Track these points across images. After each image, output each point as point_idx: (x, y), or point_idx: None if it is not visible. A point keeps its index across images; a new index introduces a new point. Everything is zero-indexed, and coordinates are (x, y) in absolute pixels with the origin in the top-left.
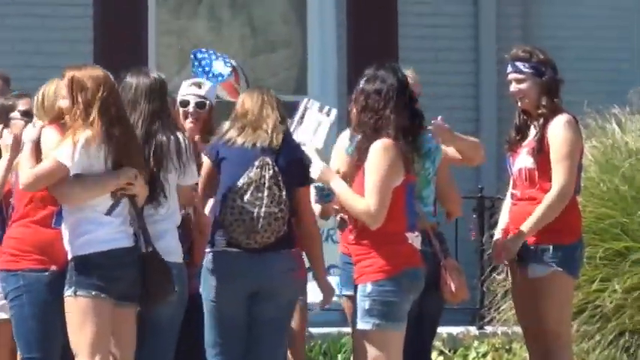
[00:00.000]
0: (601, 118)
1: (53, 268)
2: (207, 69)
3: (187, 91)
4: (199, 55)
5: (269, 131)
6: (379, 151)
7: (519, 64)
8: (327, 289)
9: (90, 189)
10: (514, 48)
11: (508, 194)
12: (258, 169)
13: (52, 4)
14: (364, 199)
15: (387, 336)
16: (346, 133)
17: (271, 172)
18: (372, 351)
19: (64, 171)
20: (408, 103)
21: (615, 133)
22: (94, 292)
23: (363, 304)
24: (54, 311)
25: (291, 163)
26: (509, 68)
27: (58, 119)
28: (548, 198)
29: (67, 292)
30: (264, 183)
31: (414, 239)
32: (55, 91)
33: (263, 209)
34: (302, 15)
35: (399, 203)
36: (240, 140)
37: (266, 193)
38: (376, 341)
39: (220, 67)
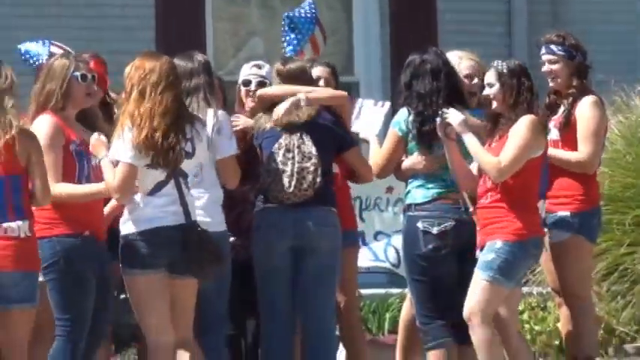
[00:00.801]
0: (626, 96)
1: (87, 233)
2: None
3: (249, 72)
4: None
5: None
6: (530, 124)
7: (553, 47)
8: None
9: (75, 198)
10: (548, 33)
11: None
12: (287, 135)
13: None
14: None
15: (499, 290)
16: (403, 112)
17: (298, 135)
18: (480, 298)
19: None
20: None
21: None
22: (141, 270)
23: (488, 256)
24: (87, 275)
25: (324, 132)
26: (543, 50)
27: None
28: (573, 155)
29: (122, 272)
30: (294, 144)
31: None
32: None
33: (296, 165)
34: (347, 3)
35: (536, 174)
36: (269, 125)
37: (296, 152)
38: (487, 291)
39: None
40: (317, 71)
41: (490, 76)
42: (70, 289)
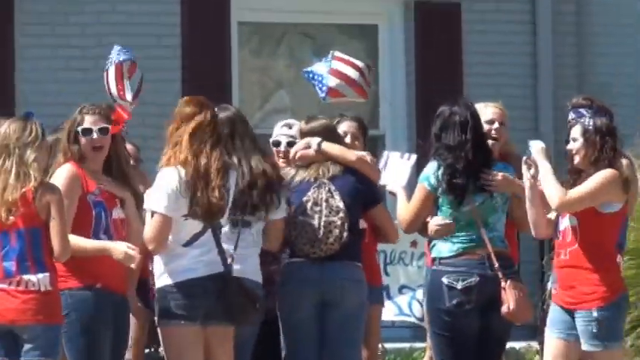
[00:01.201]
0: None
1: (98, 285)
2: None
3: (279, 132)
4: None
5: (321, 166)
6: (608, 174)
7: (582, 111)
8: None
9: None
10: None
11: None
12: (315, 189)
13: (143, 46)
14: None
15: (614, 354)
16: (432, 165)
17: (327, 189)
18: None
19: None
20: None
21: None
22: (176, 321)
23: (590, 328)
24: (99, 327)
25: (352, 188)
26: (572, 115)
27: None
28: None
29: (158, 324)
30: (322, 197)
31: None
32: None
33: (323, 219)
34: (374, 53)
35: (615, 229)
36: (298, 178)
37: (324, 206)
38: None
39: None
40: (344, 126)
41: (575, 131)
42: (82, 342)
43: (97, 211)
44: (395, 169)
